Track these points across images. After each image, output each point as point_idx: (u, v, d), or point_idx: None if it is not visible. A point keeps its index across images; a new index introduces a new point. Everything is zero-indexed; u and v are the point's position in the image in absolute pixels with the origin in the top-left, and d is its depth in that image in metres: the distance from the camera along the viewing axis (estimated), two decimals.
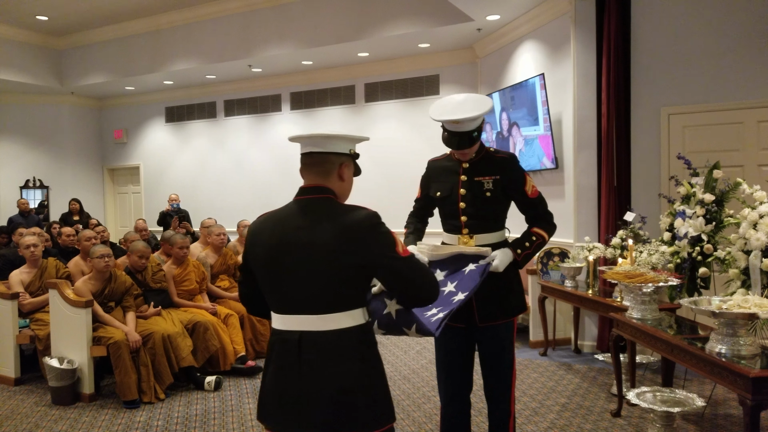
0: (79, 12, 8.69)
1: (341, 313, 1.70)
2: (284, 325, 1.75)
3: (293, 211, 1.79)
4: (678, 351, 2.97)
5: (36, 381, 4.85)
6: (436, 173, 2.76)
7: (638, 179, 5.22)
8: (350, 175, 1.88)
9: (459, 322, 2.57)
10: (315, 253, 1.68)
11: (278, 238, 1.75)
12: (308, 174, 1.83)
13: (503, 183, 2.59)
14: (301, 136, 1.82)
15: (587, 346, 5.43)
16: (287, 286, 1.73)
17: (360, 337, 1.73)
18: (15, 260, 5.41)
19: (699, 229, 3.78)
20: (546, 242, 2.67)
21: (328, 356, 1.68)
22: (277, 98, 9.45)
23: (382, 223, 1.74)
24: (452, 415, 2.70)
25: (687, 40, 5.04)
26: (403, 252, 1.73)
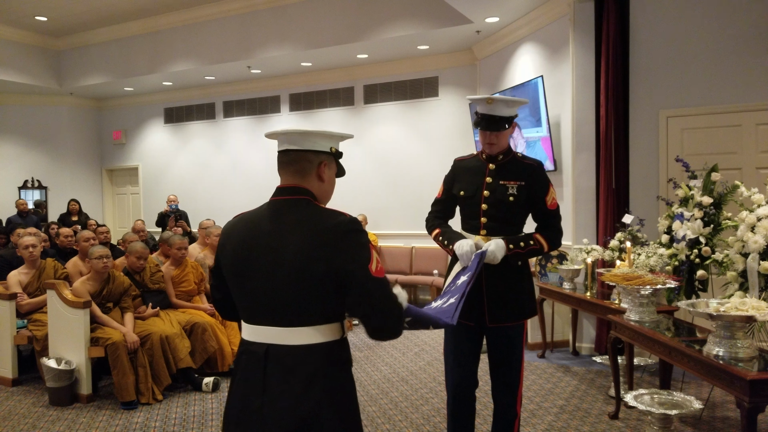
0: (78, 13, 8.69)
1: (311, 328, 1.56)
2: (252, 335, 1.62)
3: (265, 213, 1.66)
4: (676, 353, 2.97)
5: (33, 382, 4.84)
6: (461, 172, 2.76)
7: (636, 182, 5.23)
8: (331, 176, 1.75)
9: (469, 320, 2.61)
10: (283, 260, 1.55)
11: (246, 242, 1.63)
12: (285, 173, 1.70)
13: (527, 190, 2.61)
14: (276, 132, 1.71)
15: (585, 348, 5.44)
16: (254, 295, 1.60)
17: (331, 355, 1.58)
18: (13, 261, 5.41)
19: (697, 232, 3.78)
20: (543, 252, 2.67)
21: (293, 374, 1.54)
22: (276, 100, 9.45)
23: (360, 231, 1.58)
24: (459, 410, 2.74)
25: (685, 42, 5.05)
26: (377, 272, 1.55)
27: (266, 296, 1.58)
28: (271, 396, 1.55)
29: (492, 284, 2.60)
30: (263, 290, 1.58)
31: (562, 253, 5.64)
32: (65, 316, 4.40)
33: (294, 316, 1.56)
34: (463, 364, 2.70)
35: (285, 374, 1.55)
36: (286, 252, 1.55)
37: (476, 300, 2.58)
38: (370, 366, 5.18)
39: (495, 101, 2.55)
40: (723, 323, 2.63)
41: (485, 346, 2.72)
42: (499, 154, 2.67)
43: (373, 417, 3.99)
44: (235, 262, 1.64)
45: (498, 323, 2.61)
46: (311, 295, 1.54)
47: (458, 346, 2.70)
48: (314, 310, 1.56)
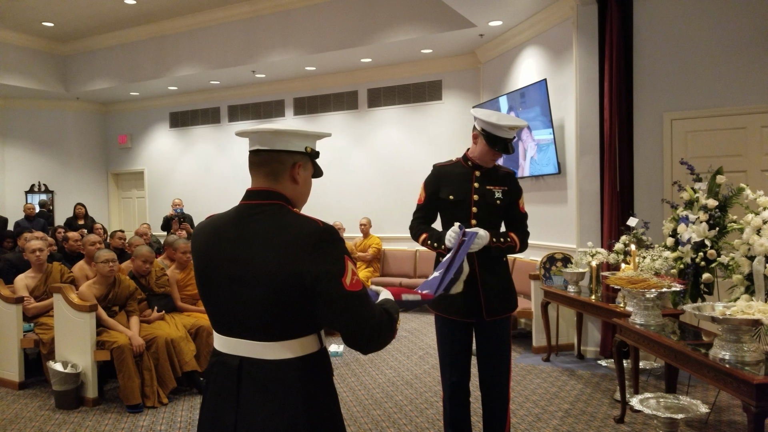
0: (84, 18, 8.76)
1: (286, 342, 1.46)
2: (224, 347, 1.52)
3: (233, 218, 1.55)
4: (681, 357, 2.96)
5: (40, 385, 4.86)
6: (447, 177, 2.90)
7: (641, 184, 5.22)
8: (307, 177, 1.64)
9: (469, 317, 2.83)
10: (252, 271, 1.44)
11: (210, 249, 1.53)
12: (255, 175, 1.59)
13: (509, 194, 2.87)
14: (246, 131, 1.59)
15: (590, 352, 5.42)
16: (221, 306, 1.51)
17: (308, 369, 1.48)
18: (20, 265, 5.45)
19: (702, 235, 3.77)
20: (515, 251, 2.86)
21: (269, 389, 1.45)
22: (281, 104, 9.49)
23: (335, 241, 1.46)
24: (456, 405, 2.93)
25: (689, 45, 5.05)
26: (351, 285, 1.43)
27: (235, 308, 1.48)
28: (245, 412, 1.46)
29: (486, 281, 2.80)
30: (231, 302, 1.48)
31: (567, 257, 5.63)
32: (71, 319, 4.42)
33: (266, 330, 1.45)
34: (457, 362, 2.90)
35: (260, 390, 1.45)
36: (255, 263, 1.44)
37: (473, 297, 2.79)
38: (374, 369, 5.18)
39: (515, 129, 2.76)
40: (729, 327, 2.62)
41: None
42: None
43: (377, 421, 3.99)
44: (201, 271, 1.55)
45: (494, 317, 2.83)
46: (284, 309, 1.43)
47: (452, 345, 2.90)
48: (288, 324, 1.45)
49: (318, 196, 9.00)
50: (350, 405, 4.30)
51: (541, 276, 5.65)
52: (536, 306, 5.50)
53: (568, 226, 5.77)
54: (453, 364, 2.89)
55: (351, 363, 5.39)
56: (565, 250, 5.73)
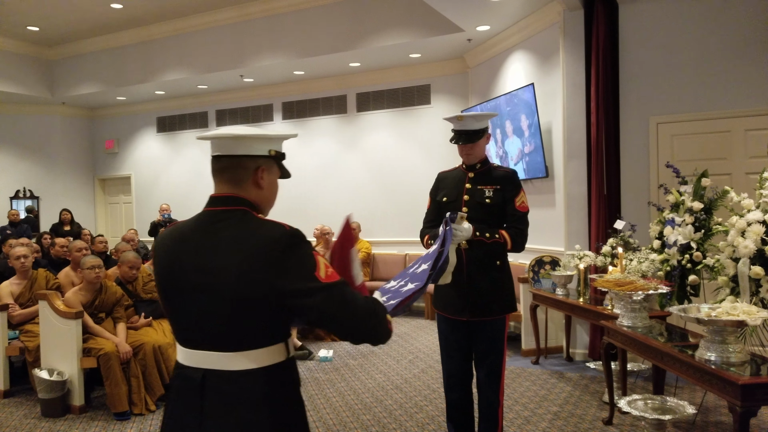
0: (70, 22, 8.69)
1: (251, 352, 1.42)
2: (187, 359, 1.48)
3: (196, 225, 1.51)
4: (668, 359, 2.99)
5: (26, 393, 4.80)
6: (444, 182, 3.10)
7: (628, 188, 5.27)
8: (272, 181, 1.59)
9: (459, 315, 2.91)
10: (215, 280, 1.40)
11: (172, 259, 1.49)
12: (218, 181, 1.55)
13: (502, 193, 2.92)
14: (205, 136, 1.55)
15: (579, 354, 5.45)
16: (184, 317, 1.47)
17: (274, 379, 1.44)
18: (4, 271, 5.38)
19: (688, 237, 3.81)
20: (506, 249, 2.90)
21: (233, 402, 1.41)
22: (269, 108, 9.47)
23: (301, 244, 1.42)
24: (455, 402, 3.04)
25: (675, 49, 5.11)
26: (328, 277, 1.40)
27: (199, 319, 1.44)
28: (209, 426, 1.42)
29: (473, 282, 2.87)
30: (193, 313, 1.44)
31: (555, 259, 5.67)
32: (57, 326, 4.37)
33: (231, 341, 1.41)
34: (453, 357, 3.00)
35: (224, 403, 1.41)
36: (218, 272, 1.40)
37: (460, 296, 2.89)
38: (363, 374, 5.17)
39: (465, 118, 2.89)
40: (714, 328, 2.65)
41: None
42: (477, 164, 2.99)
43: (367, 425, 3.98)
44: (163, 281, 1.51)
45: (480, 317, 2.89)
46: (250, 319, 1.40)
47: (447, 340, 3.01)
48: (254, 334, 1.42)
49: (307, 200, 9.01)
50: (340, 410, 4.28)
51: (529, 279, 5.68)
52: (525, 309, 5.52)
53: (556, 229, 5.80)
54: (448, 359, 3.02)
55: (341, 368, 5.37)
56: (554, 253, 5.76)
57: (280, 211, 9.17)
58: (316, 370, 5.30)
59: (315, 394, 4.64)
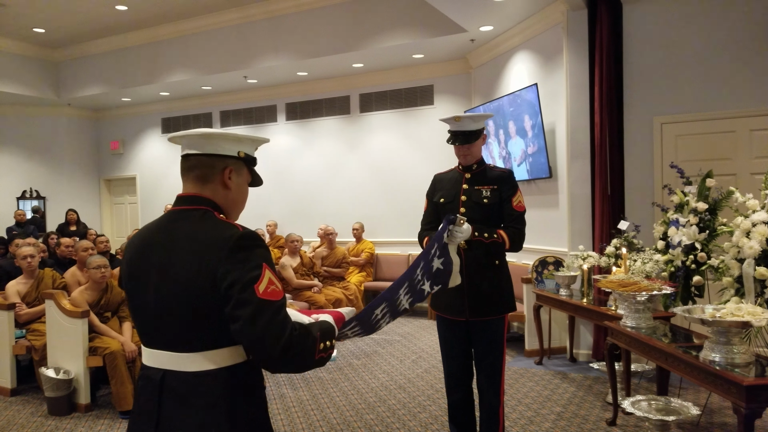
0: (75, 24, 8.73)
1: (209, 352, 1.39)
2: (148, 360, 1.48)
3: (161, 225, 1.52)
4: (672, 359, 2.99)
5: (32, 391, 4.83)
6: (441, 183, 3.12)
7: (632, 188, 5.26)
8: (241, 184, 1.57)
9: (458, 316, 2.92)
10: (171, 278, 1.40)
11: (136, 257, 1.49)
12: (186, 180, 1.54)
13: (499, 192, 2.93)
14: (176, 136, 1.56)
15: (582, 355, 5.45)
16: (145, 316, 1.46)
17: (233, 381, 1.41)
18: (11, 271, 5.41)
19: (692, 238, 3.81)
20: (504, 248, 2.91)
21: (190, 404, 1.39)
22: (273, 109, 9.49)
23: (254, 247, 1.38)
24: (456, 403, 3.06)
25: (678, 49, 5.11)
26: (266, 293, 1.33)
27: (157, 318, 1.43)
28: (165, 429, 1.40)
29: (472, 282, 2.88)
30: (153, 312, 1.43)
31: (558, 260, 5.66)
32: (63, 325, 4.40)
33: (188, 341, 1.40)
34: (452, 356, 3.03)
35: (181, 404, 1.39)
36: (174, 270, 1.40)
37: (459, 296, 2.89)
38: (367, 374, 5.18)
39: (462, 119, 2.93)
40: (719, 329, 2.65)
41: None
42: (474, 164, 3.01)
43: (371, 425, 3.99)
44: (127, 279, 1.51)
45: (479, 317, 2.90)
46: (203, 317, 1.38)
47: (447, 341, 3.04)
48: (209, 334, 1.39)
49: (311, 201, 9.03)
50: (343, 409, 4.30)
51: (533, 279, 5.68)
52: (528, 309, 5.52)
53: (559, 229, 5.80)
54: (448, 359, 3.05)
55: (344, 367, 5.39)
56: (557, 253, 5.76)
57: (284, 212, 9.17)
58: (320, 370, 5.32)
59: (319, 394, 4.65)
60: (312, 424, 4.04)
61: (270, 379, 5.06)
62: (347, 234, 8.40)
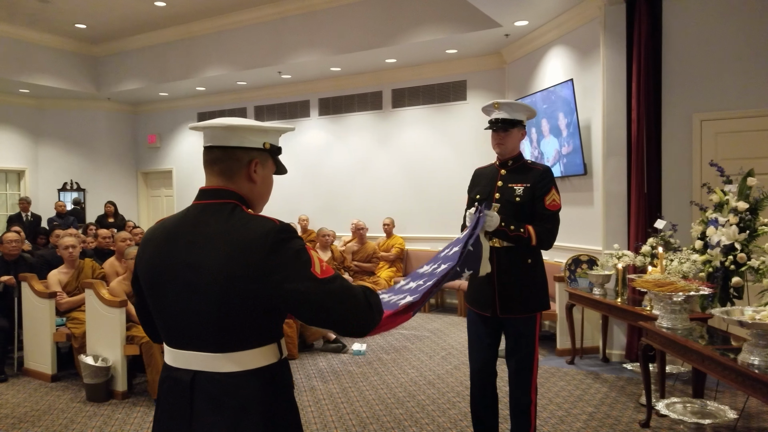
0: (115, 20, 8.96)
1: (243, 353, 1.37)
2: (175, 361, 1.42)
3: (186, 219, 1.44)
4: (709, 362, 2.92)
5: (72, 378, 5.00)
6: (479, 179, 3.12)
7: (669, 186, 5.14)
8: (266, 176, 1.52)
9: (484, 311, 2.93)
10: (204, 277, 1.34)
11: (160, 254, 1.42)
12: (209, 173, 1.49)
13: (533, 190, 2.89)
14: (199, 126, 1.49)
15: (615, 355, 5.36)
16: (173, 317, 1.41)
17: (267, 381, 1.39)
18: (53, 261, 5.60)
19: (732, 238, 3.71)
20: (530, 244, 2.83)
21: (223, 406, 1.35)
22: (306, 104, 9.57)
23: (292, 238, 1.36)
24: (477, 393, 3.08)
25: (719, 44, 4.96)
26: (323, 272, 1.34)
27: (187, 318, 1.38)
28: (198, 430, 1.37)
29: (502, 279, 2.88)
30: (182, 311, 1.38)
31: (592, 259, 5.58)
32: (102, 314, 4.54)
33: (221, 341, 1.36)
34: (480, 351, 3.02)
35: (215, 405, 1.36)
36: (206, 268, 1.34)
37: (489, 293, 2.90)
38: (396, 369, 5.20)
39: (501, 105, 2.93)
40: (759, 332, 2.58)
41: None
42: (509, 160, 2.98)
43: (400, 420, 4.01)
44: (150, 278, 1.44)
45: (509, 314, 2.89)
46: (239, 318, 1.34)
47: (476, 335, 3.03)
48: (245, 334, 1.36)
49: (342, 196, 9.08)
50: (373, 403, 4.33)
51: (565, 278, 5.61)
52: (561, 308, 5.46)
53: (593, 227, 5.71)
54: (473, 353, 3.06)
55: (374, 362, 5.42)
56: (591, 252, 5.67)
57: (316, 206, 9.27)
58: (350, 363, 5.36)
59: (348, 387, 4.70)
60: (342, 417, 4.08)
61: (300, 371, 5.13)
62: (378, 229, 8.43)
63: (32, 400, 4.51)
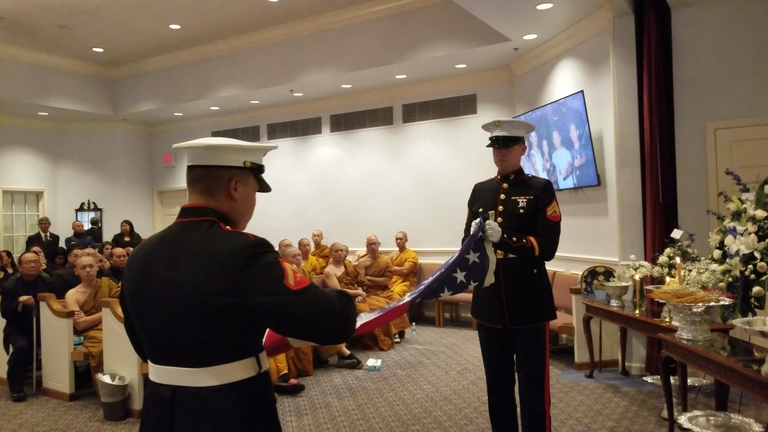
0: (131, 44, 9.14)
1: (220, 367, 1.38)
2: (157, 376, 1.44)
3: (167, 237, 1.48)
4: (732, 374, 2.86)
5: (89, 397, 5.02)
6: (480, 193, 3.19)
7: (685, 196, 5.09)
8: (248, 194, 1.55)
9: (495, 324, 2.97)
10: (181, 293, 1.37)
11: (143, 270, 1.46)
12: (191, 192, 1.52)
13: (535, 202, 2.97)
14: (180, 147, 1.54)
15: (635, 368, 5.27)
16: (153, 331, 1.44)
17: (245, 395, 1.40)
18: (71, 280, 5.66)
19: (751, 247, 3.64)
20: (533, 255, 2.89)
21: (203, 420, 1.37)
22: (318, 121, 9.65)
23: (266, 252, 1.38)
24: (497, 406, 3.10)
25: (731, 52, 4.93)
26: (297, 283, 1.35)
27: (167, 334, 1.41)
28: None
29: (510, 290, 2.93)
30: (162, 328, 1.41)
31: (609, 270, 5.52)
32: (119, 333, 4.57)
33: (199, 356, 1.38)
34: (492, 362, 3.07)
35: (194, 420, 1.37)
36: (183, 285, 1.37)
37: (497, 305, 2.95)
38: (412, 384, 5.16)
39: (502, 123, 3.01)
40: None
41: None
42: (511, 174, 3.07)
43: None
44: (132, 293, 1.48)
45: (518, 326, 2.93)
46: (217, 333, 1.36)
47: (487, 348, 3.08)
48: (223, 348, 1.38)
49: (354, 211, 9.11)
50: (389, 419, 4.29)
51: (582, 290, 5.55)
52: (578, 321, 5.40)
53: (609, 238, 5.66)
54: (489, 365, 3.10)
55: (389, 377, 5.38)
56: (607, 263, 5.61)
57: (329, 222, 9.28)
58: (365, 379, 5.33)
59: (364, 403, 4.66)
60: None
61: (316, 387, 5.11)
62: (391, 243, 8.42)
63: (51, 420, 4.54)
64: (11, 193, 10.66)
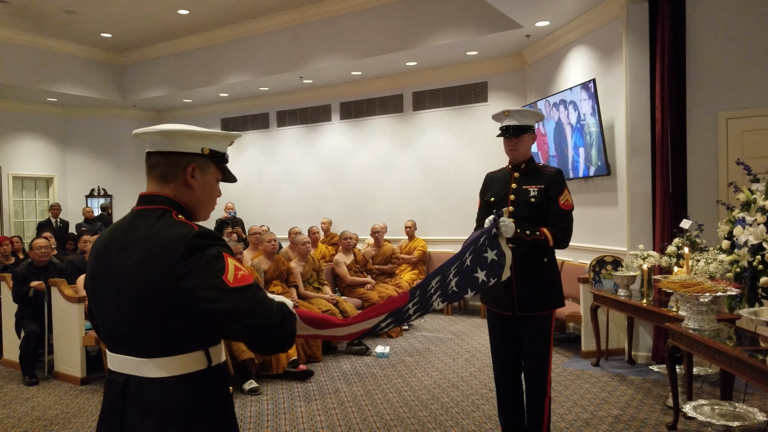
0: (140, 29, 9.14)
1: (170, 358, 1.36)
2: (112, 364, 1.44)
3: (121, 225, 1.47)
4: (737, 363, 2.87)
5: (100, 381, 5.10)
6: (492, 183, 3.24)
7: (695, 186, 5.07)
8: (207, 182, 1.51)
9: (505, 310, 3.05)
10: (128, 281, 1.36)
11: (100, 258, 1.45)
12: (149, 179, 1.49)
13: (546, 191, 3.01)
14: (138, 133, 1.50)
15: (641, 357, 5.29)
16: (108, 319, 1.43)
17: (194, 388, 1.38)
18: (82, 266, 5.73)
19: (760, 237, 3.63)
20: (547, 246, 2.95)
21: (150, 411, 1.36)
22: (327, 108, 9.64)
23: (210, 245, 1.35)
24: (504, 393, 3.18)
25: (745, 41, 4.88)
26: (237, 280, 1.31)
27: (118, 322, 1.40)
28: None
29: (521, 279, 2.98)
30: (114, 315, 1.40)
31: (617, 260, 5.52)
32: None
33: (147, 346, 1.37)
34: (501, 349, 3.15)
35: (143, 410, 1.36)
36: (130, 273, 1.36)
37: (508, 292, 3.00)
38: (420, 371, 5.21)
39: (511, 113, 3.04)
40: None
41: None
42: (522, 163, 3.10)
43: (424, 422, 4.02)
44: (88, 281, 1.48)
45: (527, 312, 3.00)
46: (162, 323, 1.35)
47: (495, 333, 3.17)
48: (169, 339, 1.36)
49: (363, 199, 9.13)
50: (397, 405, 4.34)
51: (590, 279, 5.56)
52: (585, 310, 5.41)
53: (618, 228, 5.65)
54: (496, 352, 3.18)
55: (397, 364, 5.43)
56: (615, 252, 5.61)
57: (338, 209, 9.30)
58: (374, 366, 5.38)
59: (372, 390, 4.72)
60: (366, 419, 4.10)
61: (324, 373, 5.17)
62: (400, 232, 8.45)
63: (62, 403, 4.62)
64: (21, 178, 10.75)
